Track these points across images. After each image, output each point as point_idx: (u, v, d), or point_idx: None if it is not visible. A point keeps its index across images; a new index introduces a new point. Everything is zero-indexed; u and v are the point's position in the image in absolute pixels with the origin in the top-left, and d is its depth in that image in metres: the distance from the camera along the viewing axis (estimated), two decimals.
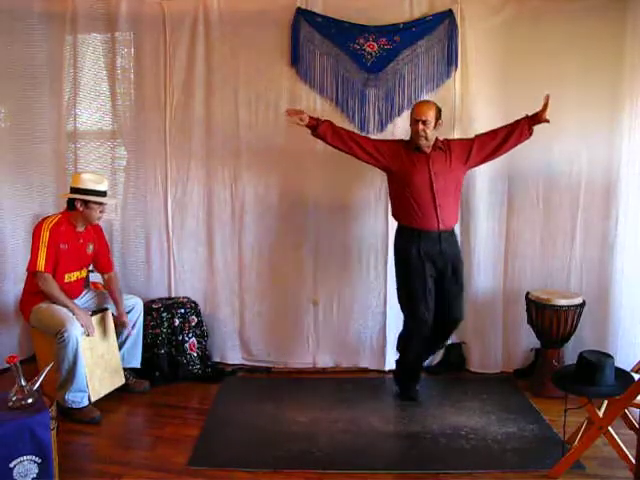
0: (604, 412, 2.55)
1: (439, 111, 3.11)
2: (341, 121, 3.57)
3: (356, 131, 3.57)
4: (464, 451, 2.75)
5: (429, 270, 3.13)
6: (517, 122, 3.12)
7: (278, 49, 3.55)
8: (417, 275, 3.13)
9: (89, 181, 3.19)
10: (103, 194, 3.21)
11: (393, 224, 3.62)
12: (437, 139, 3.14)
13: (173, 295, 3.82)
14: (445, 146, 3.15)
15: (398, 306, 3.68)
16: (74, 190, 3.18)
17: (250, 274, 3.76)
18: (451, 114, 3.52)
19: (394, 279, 3.66)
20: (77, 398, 3.02)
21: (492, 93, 3.46)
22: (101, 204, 3.21)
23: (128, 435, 3.00)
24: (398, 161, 3.15)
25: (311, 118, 3.14)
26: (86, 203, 3.16)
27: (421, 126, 3.04)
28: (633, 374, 2.57)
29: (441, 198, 3.07)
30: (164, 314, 3.61)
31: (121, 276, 3.79)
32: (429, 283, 3.14)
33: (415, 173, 3.09)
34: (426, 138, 3.07)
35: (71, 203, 3.20)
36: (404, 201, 3.15)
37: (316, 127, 3.13)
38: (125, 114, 3.73)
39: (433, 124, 3.06)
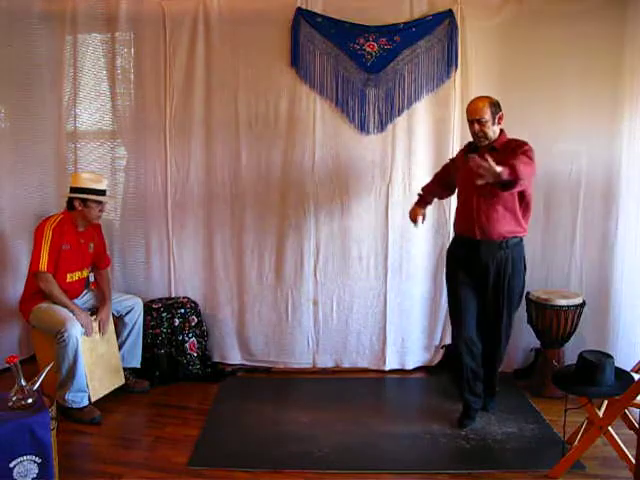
0: (604, 412, 2.55)
1: (496, 104, 2.77)
2: (341, 121, 3.59)
3: (356, 131, 3.58)
4: (464, 451, 2.75)
5: (467, 282, 2.89)
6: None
7: (278, 49, 3.55)
8: (453, 287, 2.96)
9: (87, 180, 3.19)
10: (102, 193, 3.21)
11: (393, 225, 3.64)
12: (501, 136, 2.79)
13: (173, 295, 3.82)
14: (503, 146, 2.76)
15: (398, 306, 3.72)
16: (73, 190, 3.19)
17: (250, 274, 3.76)
18: (451, 114, 3.53)
19: (394, 279, 3.69)
20: (77, 398, 3.02)
21: (492, 93, 3.41)
22: (100, 203, 3.21)
23: (128, 435, 2.99)
24: (458, 167, 2.97)
25: (421, 206, 3.21)
26: (85, 202, 3.16)
27: (477, 127, 2.74)
28: (633, 374, 2.57)
29: (483, 204, 2.75)
30: (164, 314, 3.61)
31: (121, 276, 3.81)
32: (466, 297, 2.90)
33: (464, 177, 2.83)
34: (486, 137, 2.76)
35: (71, 203, 3.20)
36: (457, 207, 3.00)
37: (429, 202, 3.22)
38: (125, 114, 3.73)
39: (491, 121, 2.73)
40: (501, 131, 2.81)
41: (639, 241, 3.31)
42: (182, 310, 3.65)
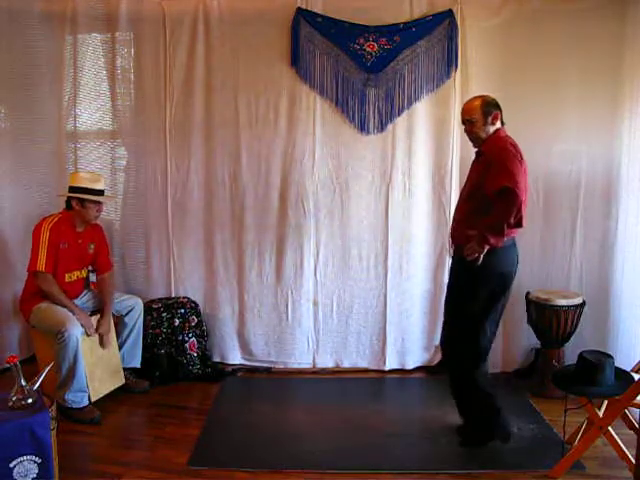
0: (604, 412, 2.55)
1: (490, 103, 2.65)
2: (341, 121, 3.59)
3: (356, 131, 3.59)
4: (464, 451, 2.75)
5: (449, 285, 2.89)
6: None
7: (278, 49, 3.55)
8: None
9: (85, 180, 3.19)
10: (99, 193, 3.21)
11: (393, 225, 3.64)
12: (489, 138, 2.63)
13: (173, 295, 3.82)
14: (488, 149, 2.61)
15: (398, 306, 3.72)
16: (71, 189, 3.18)
17: (250, 274, 3.76)
18: (451, 114, 3.52)
19: (394, 279, 3.69)
20: (77, 398, 3.02)
21: (492, 93, 3.41)
22: (97, 203, 3.20)
23: (128, 435, 3.00)
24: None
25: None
26: (82, 202, 3.16)
27: (467, 127, 2.68)
28: (633, 374, 2.57)
29: (457, 209, 2.77)
30: (164, 314, 3.61)
31: (121, 276, 3.80)
32: (446, 299, 2.90)
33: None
34: (477, 138, 2.66)
35: (69, 202, 3.20)
36: None
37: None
38: (125, 114, 3.73)
39: (482, 121, 2.62)
40: (495, 131, 2.64)
41: (639, 241, 3.32)
42: (182, 310, 3.65)
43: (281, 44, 3.55)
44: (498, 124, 2.66)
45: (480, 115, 2.63)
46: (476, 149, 2.72)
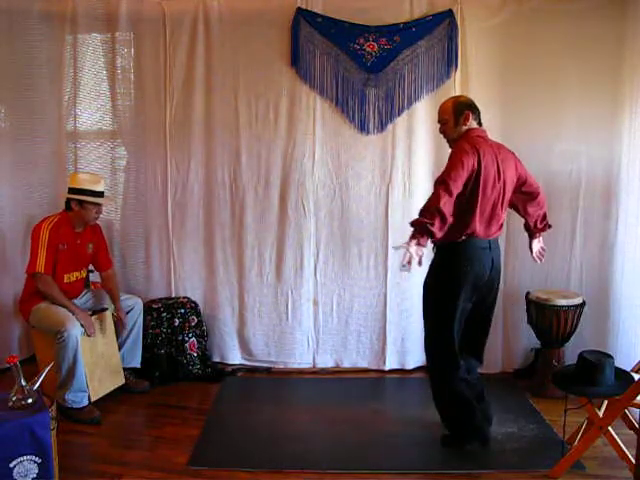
0: (604, 412, 2.55)
1: (463, 103, 2.69)
2: (341, 121, 3.59)
3: (356, 131, 3.59)
4: (464, 451, 2.75)
5: None
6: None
7: (278, 49, 3.55)
8: None
9: (85, 181, 3.19)
10: (99, 194, 3.21)
11: (393, 225, 3.64)
12: (464, 136, 2.65)
13: (173, 295, 3.82)
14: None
15: (398, 306, 3.72)
16: (70, 190, 3.18)
17: (250, 274, 3.76)
18: None
19: (394, 279, 3.69)
20: (77, 398, 3.02)
21: (492, 93, 3.46)
22: (96, 205, 3.20)
23: (128, 435, 2.99)
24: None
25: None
26: (81, 203, 3.16)
27: (440, 127, 2.76)
28: (633, 374, 2.57)
29: None
30: (164, 314, 3.61)
31: (121, 276, 3.80)
32: None
33: None
34: (451, 139, 2.73)
35: (68, 203, 3.20)
36: None
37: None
38: (125, 114, 3.73)
39: (453, 121, 2.66)
40: (467, 131, 2.65)
41: (639, 241, 3.31)
42: (182, 310, 3.65)
43: (281, 44, 3.55)
44: (472, 124, 2.67)
45: (451, 115, 2.67)
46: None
